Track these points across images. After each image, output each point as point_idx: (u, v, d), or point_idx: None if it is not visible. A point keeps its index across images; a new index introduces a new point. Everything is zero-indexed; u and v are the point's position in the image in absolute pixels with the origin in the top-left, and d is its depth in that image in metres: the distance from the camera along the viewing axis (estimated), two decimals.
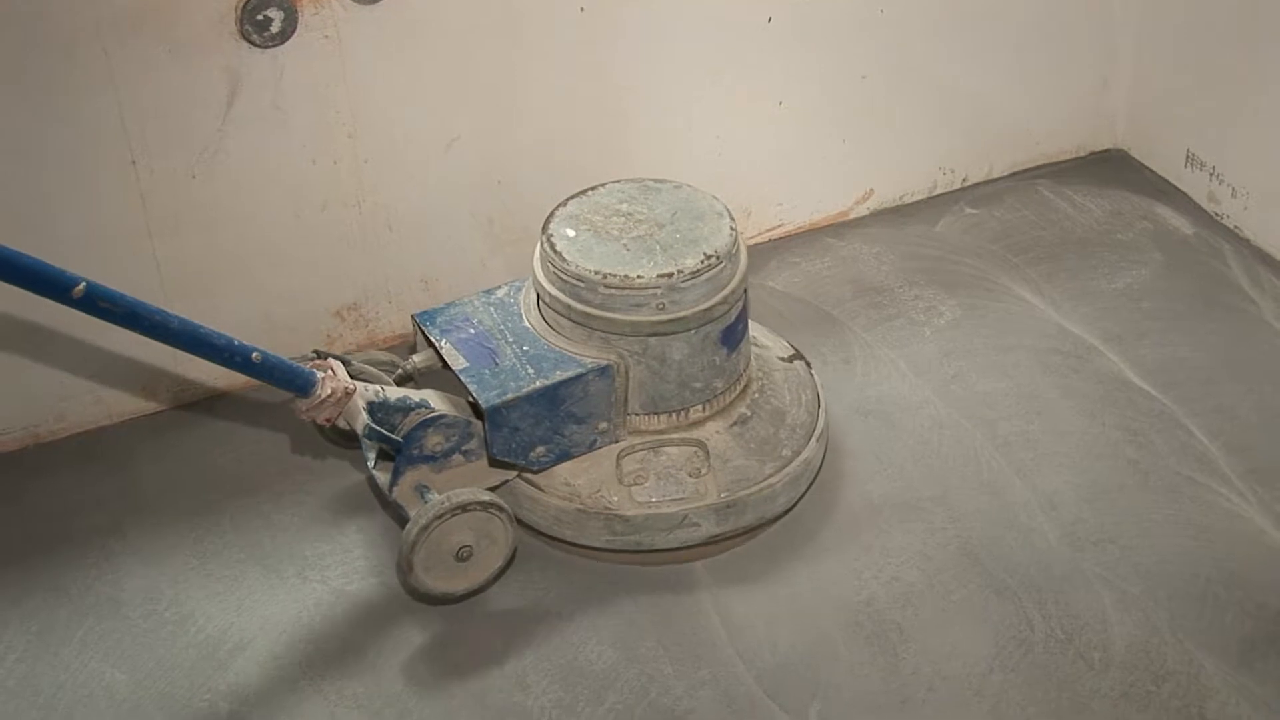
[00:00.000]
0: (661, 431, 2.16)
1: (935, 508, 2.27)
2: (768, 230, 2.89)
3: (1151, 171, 3.07)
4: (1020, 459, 2.35)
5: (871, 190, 2.96)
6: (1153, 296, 2.72)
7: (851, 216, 2.96)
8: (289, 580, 2.17)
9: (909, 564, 2.17)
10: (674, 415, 2.16)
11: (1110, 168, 3.11)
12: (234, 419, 2.47)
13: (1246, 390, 2.48)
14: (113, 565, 2.20)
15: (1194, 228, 2.90)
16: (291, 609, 2.13)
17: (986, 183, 3.06)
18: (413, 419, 2.05)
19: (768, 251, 2.85)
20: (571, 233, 2.13)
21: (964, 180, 3.05)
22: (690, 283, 2.06)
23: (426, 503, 2.01)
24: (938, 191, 3.03)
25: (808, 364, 2.36)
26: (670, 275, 2.05)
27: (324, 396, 1.99)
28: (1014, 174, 3.09)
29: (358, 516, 2.28)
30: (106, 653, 2.07)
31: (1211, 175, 2.91)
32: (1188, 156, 2.96)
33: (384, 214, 2.50)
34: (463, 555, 2.04)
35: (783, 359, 2.34)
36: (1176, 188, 3.01)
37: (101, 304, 1.75)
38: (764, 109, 2.75)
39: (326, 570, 2.19)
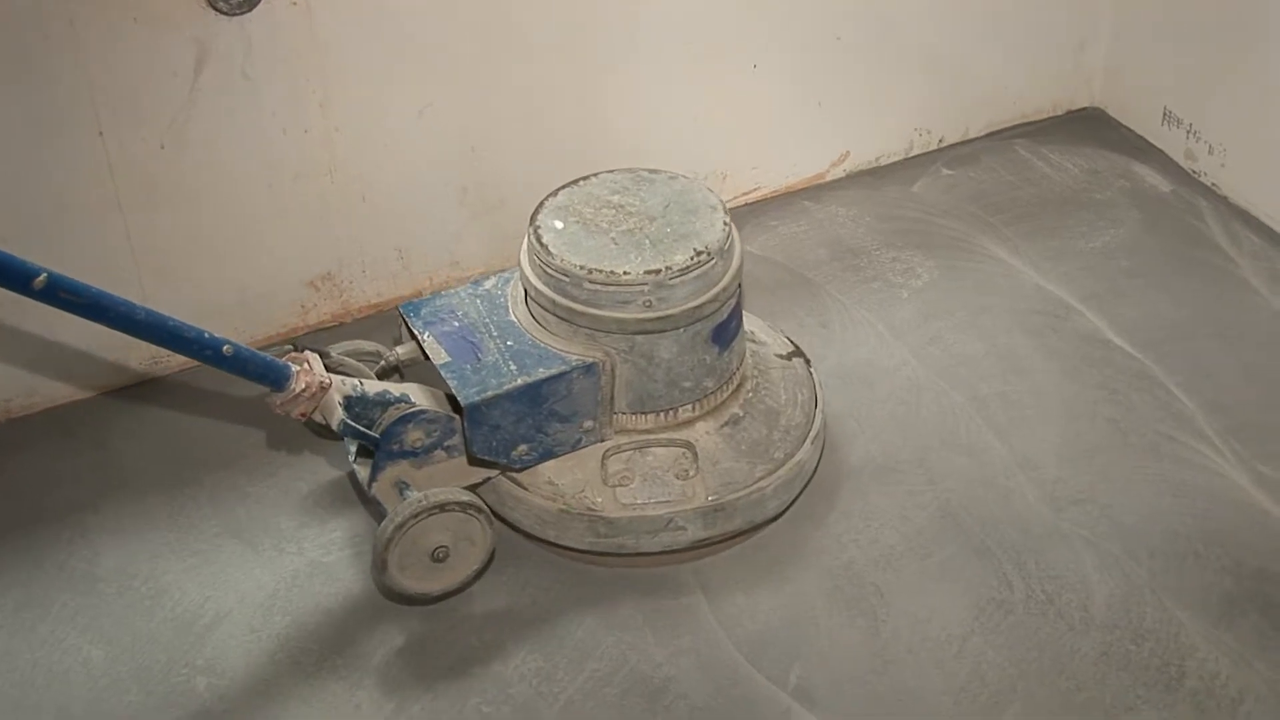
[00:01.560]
0: (649, 431, 2.11)
1: (914, 470, 2.26)
2: (744, 194, 2.87)
3: (1128, 130, 3.06)
4: (999, 420, 2.35)
5: (847, 152, 2.95)
6: (1130, 255, 2.71)
7: (828, 179, 2.95)
8: (265, 553, 2.16)
9: (888, 526, 2.17)
10: (662, 415, 2.10)
11: (1087, 126, 3.10)
12: (209, 393, 2.45)
13: (1225, 348, 2.48)
14: (88, 540, 2.19)
15: (1171, 185, 2.90)
16: (268, 582, 2.12)
17: (963, 143, 3.05)
18: (391, 414, 2.00)
19: (744, 215, 2.84)
20: (559, 225, 2.06)
21: (940, 141, 3.03)
22: (679, 279, 1.99)
23: (404, 500, 1.98)
24: (914, 153, 3.02)
25: (807, 361, 2.29)
26: (658, 272, 1.98)
27: (298, 391, 1.94)
28: (990, 134, 3.08)
29: (335, 490, 2.27)
30: (83, 628, 2.06)
31: (1189, 133, 2.90)
32: (1165, 114, 2.95)
33: (356, 183, 2.47)
34: (439, 556, 2.00)
35: (781, 356, 2.28)
36: (1154, 146, 3.00)
37: (63, 295, 1.69)
38: (738, 72, 2.73)
39: (304, 543, 2.18)
